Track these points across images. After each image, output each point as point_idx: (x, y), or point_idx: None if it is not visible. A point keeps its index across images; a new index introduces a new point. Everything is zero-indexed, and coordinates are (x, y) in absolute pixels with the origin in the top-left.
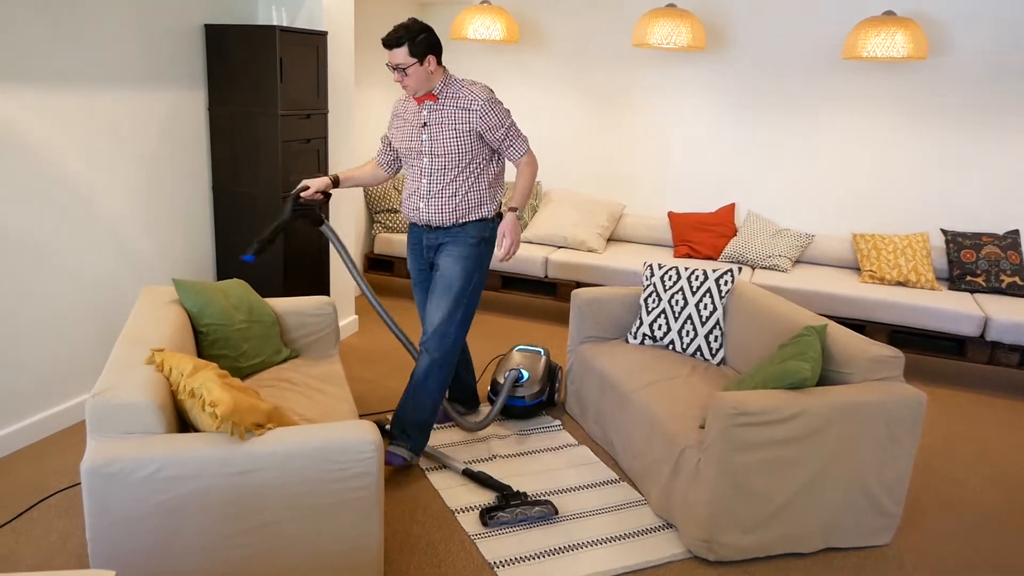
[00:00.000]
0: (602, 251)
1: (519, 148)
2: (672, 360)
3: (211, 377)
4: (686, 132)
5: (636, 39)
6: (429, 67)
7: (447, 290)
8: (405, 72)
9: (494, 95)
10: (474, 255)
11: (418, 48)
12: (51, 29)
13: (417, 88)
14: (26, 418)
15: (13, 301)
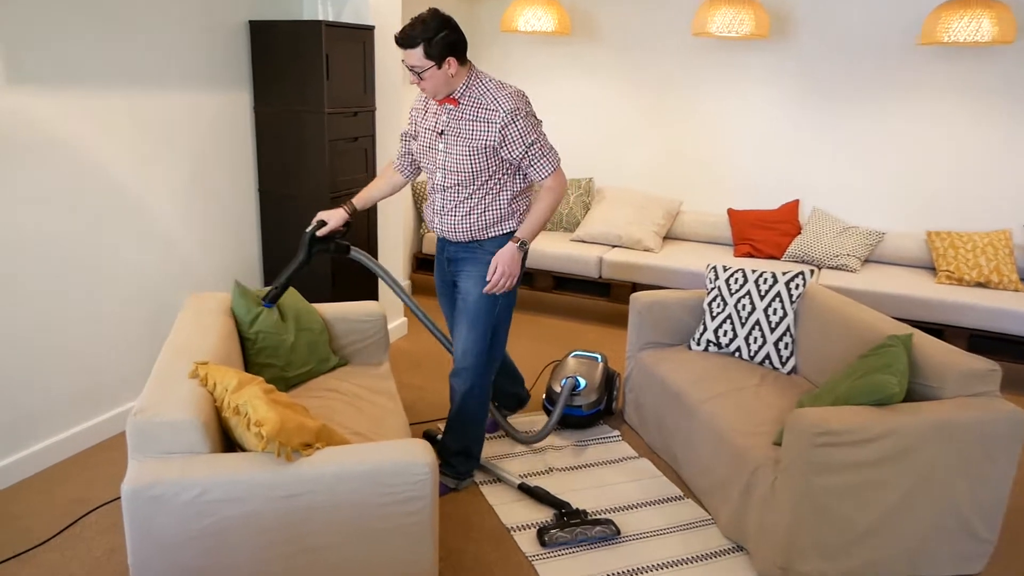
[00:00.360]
0: (658, 250)
1: (543, 168)
2: (739, 369)
3: (256, 393)
4: (747, 125)
5: (696, 28)
6: (449, 70)
7: (471, 317)
8: (421, 76)
9: (522, 104)
10: None
11: (435, 49)
12: (95, 30)
13: (436, 92)
14: (73, 426)
15: (59, 307)
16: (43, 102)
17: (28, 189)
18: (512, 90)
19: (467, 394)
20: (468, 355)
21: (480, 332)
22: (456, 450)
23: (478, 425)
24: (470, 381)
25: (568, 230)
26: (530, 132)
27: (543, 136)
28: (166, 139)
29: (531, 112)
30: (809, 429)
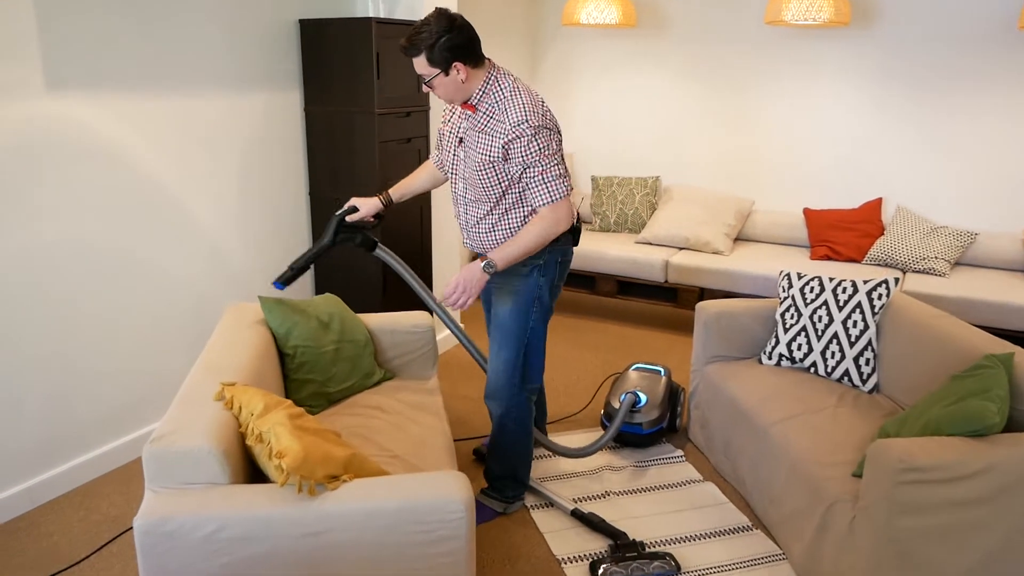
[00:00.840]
0: (729, 253)
1: (541, 195)
2: (815, 386)
3: (281, 420)
4: (825, 118)
5: (770, 16)
6: (459, 75)
7: (501, 334)
8: (430, 84)
9: (534, 118)
10: (527, 289)
11: (439, 55)
12: (139, 31)
13: (450, 99)
14: (112, 441)
15: (99, 318)
16: (84, 108)
17: (68, 197)
18: (526, 100)
19: (504, 416)
20: (500, 376)
21: (512, 351)
22: (501, 474)
23: (522, 448)
24: (504, 403)
25: (633, 231)
26: (533, 151)
27: (553, 160)
28: (212, 143)
29: (545, 126)
30: (894, 464)
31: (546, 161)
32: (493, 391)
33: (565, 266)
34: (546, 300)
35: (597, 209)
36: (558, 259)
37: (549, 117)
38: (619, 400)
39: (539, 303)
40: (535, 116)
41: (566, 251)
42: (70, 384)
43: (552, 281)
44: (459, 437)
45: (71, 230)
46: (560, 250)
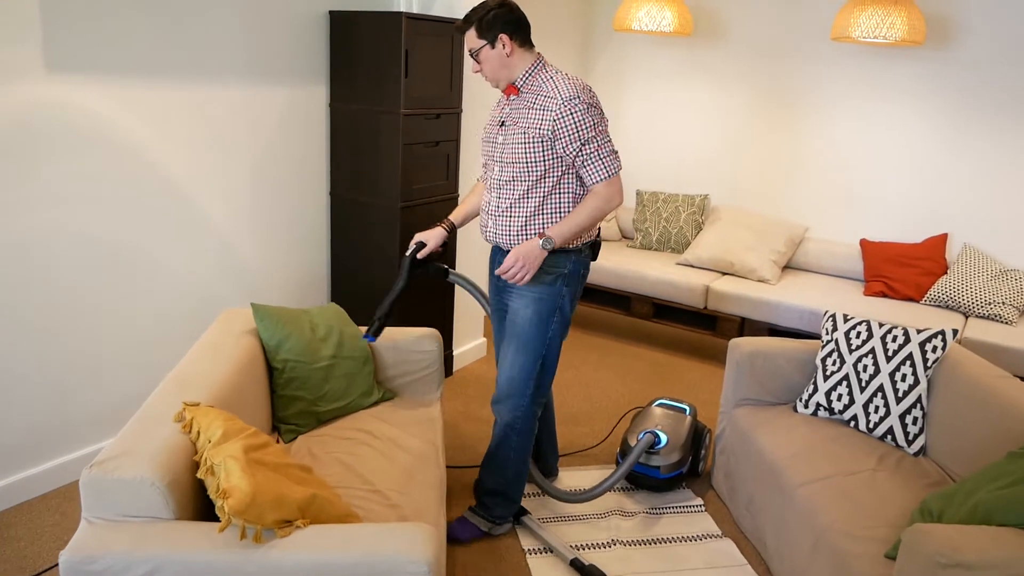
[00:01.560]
0: (775, 282)
1: (596, 171)
2: (853, 443)
3: (235, 452)
4: (890, 144)
5: (837, 31)
6: (504, 49)
7: (519, 341)
8: (477, 58)
9: (584, 95)
10: (550, 295)
11: (487, 26)
12: (153, 14)
13: (495, 77)
14: (97, 443)
15: (95, 314)
16: (88, 94)
17: (70, 187)
18: (577, 81)
19: (509, 426)
20: (514, 383)
21: (529, 358)
22: (491, 489)
23: (519, 464)
24: (513, 412)
25: (675, 251)
26: (588, 127)
27: (605, 136)
28: (227, 136)
29: (594, 105)
30: (933, 556)
31: (600, 137)
32: (505, 396)
33: (584, 280)
34: (567, 311)
35: (640, 225)
36: (580, 271)
37: (597, 100)
38: (637, 438)
39: (560, 313)
40: (586, 95)
41: (587, 263)
42: (62, 380)
43: (575, 293)
44: (460, 464)
45: (71, 221)
46: (584, 261)
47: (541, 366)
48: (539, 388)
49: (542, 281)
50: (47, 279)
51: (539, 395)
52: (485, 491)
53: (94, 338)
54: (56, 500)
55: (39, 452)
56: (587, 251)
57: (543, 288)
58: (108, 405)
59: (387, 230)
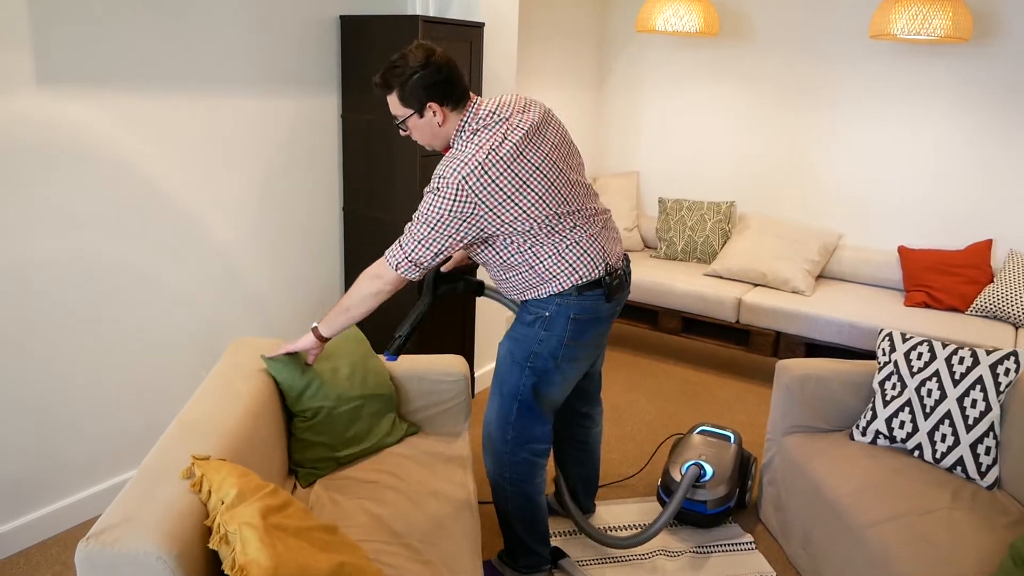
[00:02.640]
0: (810, 293)
1: (393, 246)
2: (921, 476)
3: (252, 519)
4: (931, 145)
5: (875, 28)
6: (435, 117)
7: (494, 381)
8: (404, 126)
9: (452, 175)
10: (525, 338)
11: (412, 95)
12: (153, 22)
13: (428, 144)
14: (100, 483)
15: (91, 344)
16: (83, 107)
17: (62, 206)
18: (463, 157)
19: (497, 476)
20: (490, 425)
21: (503, 402)
22: (509, 541)
23: (526, 516)
24: (495, 462)
25: (702, 261)
26: (421, 207)
27: (427, 225)
28: (233, 150)
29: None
30: None
31: (421, 221)
32: (486, 443)
33: (585, 325)
34: (546, 359)
35: (663, 234)
36: (569, 315)
37: (471, 186)
38: (680, 471)
39: (536, 359)
40: (454, 175)
41: (583, 306)
42: (59, 416)
43: (560, 340)
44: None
45: (66, 243)
46: (573, 305)
47: (518, 412)
48: (525, 436)
49: (521, 321)
50: (41, 306)
51: (527, 443)
52: (505, 541)
53: (93, 369)
54: (56, 549)
55: (35, 496)
56: (575, 293)
57: (519, 328)
58: (109, 442)
59: None
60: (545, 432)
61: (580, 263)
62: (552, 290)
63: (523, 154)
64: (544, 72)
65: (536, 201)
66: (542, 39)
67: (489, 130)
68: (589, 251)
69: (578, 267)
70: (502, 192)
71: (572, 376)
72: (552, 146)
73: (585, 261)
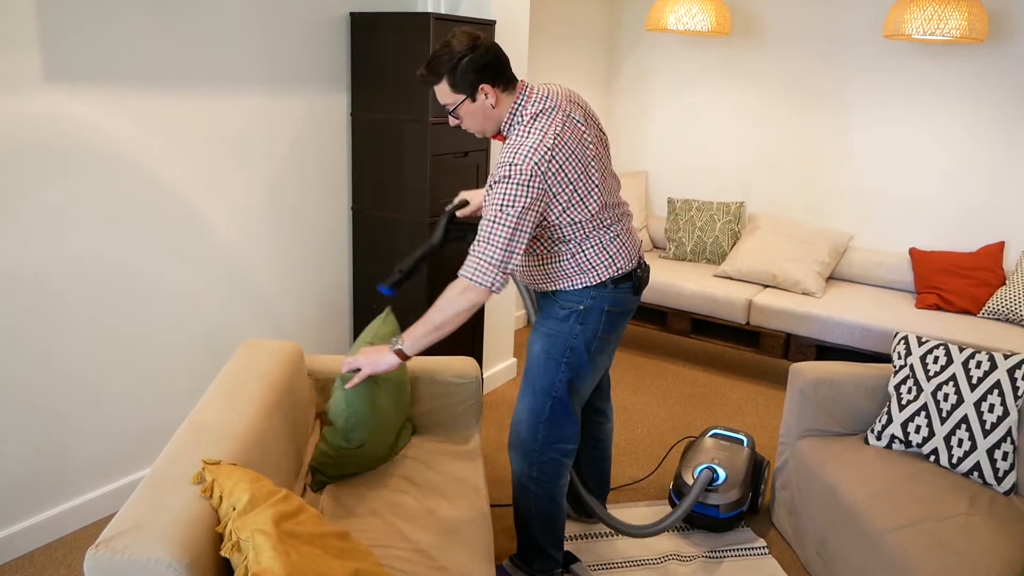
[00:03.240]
0: (821, 294)
1: (470, 263)
2: (937, 481)
3: (265, 526)
4: (943, 146)
5: (889, 28)
6: (488, 100)
7: (527, 380)
8: (456, 115)
9: (522, 160)
10: (561, 333)
11: (463, 78)
12: (164, 24)
13: (481, 130)
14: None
15: (96, 344)
16: (91, 104)
17: (67, 207)
18: (530, 142)
19: (524, 476)
20: (521, 426)
21: (536, 400)
22: (524, 544)
23: (547, 518)
24: (524, 460)
25: (712, 262)
26: (492, 200)
27: (504, 222)
28: (241, 149)
29: (518, 179)
30: None
31: (500, 220)
32: (514, 442)
33: (616, 318)
34: (581, 353)
35: (672, 235)
36: (604, 308)
37: (540, 170)
38: (692, 475)
39: (572, 353)
40: (523, 160)
41: (617, 299)
42: (65, 418)
43: (595, 333)
44: (499, 502)
45: (72, 243)
46: (608, 297)
47: (551, 410)
48: (556, 435)
49: (554, 316)
50: (47, 306)
51: (557, 443)
52: (520, 544)
53: (99, 370)
54: (62, 551)
55: (41, 497)
56: (611, 285)
57: (553, 324)
58: (116, 444)
59: (414, 248)
60: (575, 431)
61: (619, 255)
62: (588, 281)
63: (582, 142)
64: (554, 71)
65: (592, 190)
66: (552, 38)
67: (548, 115)
68: (627, 244)
69: (617, 259)
70: (567, 178)
71: (602, 369)
72: (598, 137)
73: (623, 254)
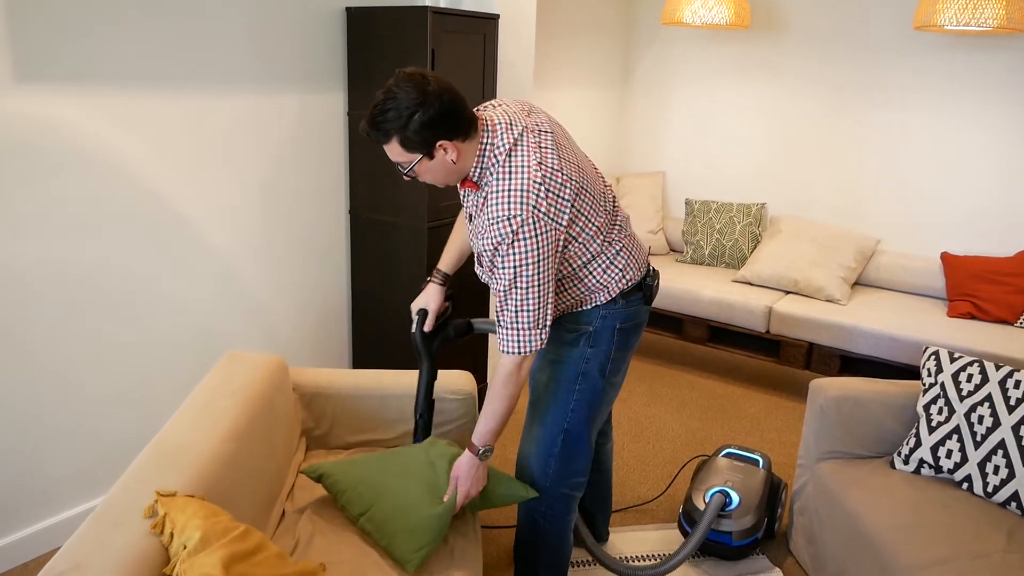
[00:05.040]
0: (846, 301)
1: (508, 338)
2: (971, 512)
3: (214, 569)
4: (976, 143)
5: (920, 19)
6: (448, 155)
7: (539, 411)
8: (412, 173)
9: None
10: (571, 359)
11: (416, 136)
12: (149, 19)
13: (444, 183)
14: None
15: (78, 353)
16: (68, 105)
17: (46, 212)
18: (518, 184)
19: (533, 512)
20: (530, 460)
21: (547, 433)
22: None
23: (553, 555)
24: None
25: (731, 266)
26: (506, 271)
27: (536, 278)
28: (231, 150)
29: (534, 230)
30: None
31: (525, 281)
32: (521, 476)
33: (628, 334)
34: (595, 379)
35: (690, 237)
36: (615, 326)
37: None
38: (704, 498)
39: (584, 380)
40: (520, 209)
41: (628, 313)
42: (42, 432)
43: (608, 354)
44: (495, 524)
45: (51, 251)
46: (619, 314)
47: (564, 443)
48: (568, 470)
49: (562, 341)
50: (24, 316)
51: (569, 478)
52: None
53: (79, 384)
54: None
55: (16, 516)
56: (621, 300)
57: (563, 348)
58: (95, 460)
59: (413, 253)
60: (587, 464)
61: (628, 267)
62: (599, 300)
63: (563, 155)
64: (564, 68)
65: (592, 203)
66: (563, 33)
67: (522, 144)
68: (634, 252)
69: (626, 271)
70: (567, 202)
71: (617, 390)
72: (565, 135)
73: (632, 264)
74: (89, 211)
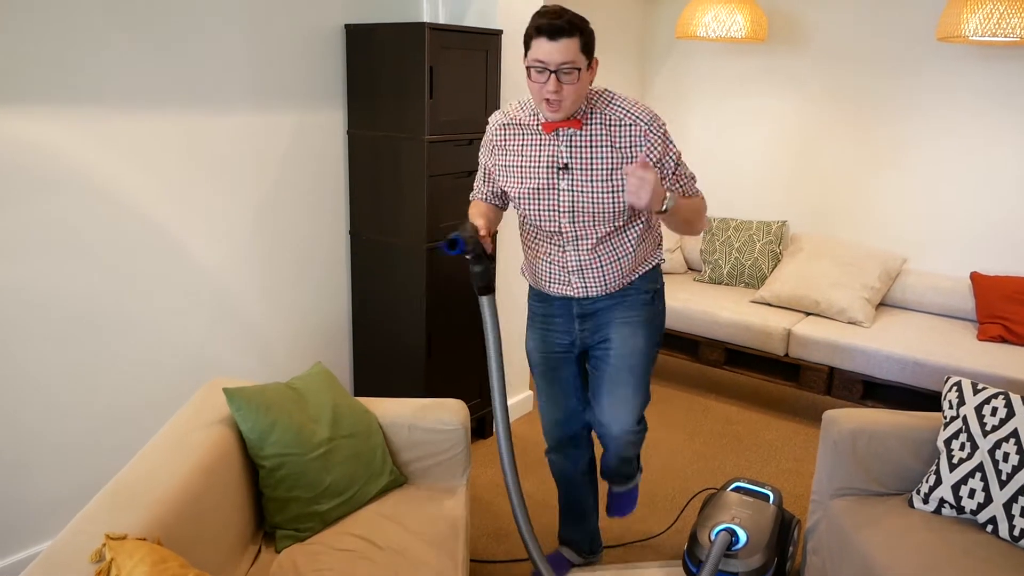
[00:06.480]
0: (870, 324)
1: (694, 185)
2: (995, 558)
3: None
4: (1007, 158)
5: (944, 30)
6: (594, 73)
7: (631, 373)
8: (563, 81)
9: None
10: (651, 316)
11: (591, 43)
12: (140, 38)
13: (572, 105)
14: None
15: (74, 389)
16: (48, 126)
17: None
18: (641, 104)
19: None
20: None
21: (637, 384)
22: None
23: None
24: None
25: (750, 286)
26: (674, 148)
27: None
28: (225, 171)
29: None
30: None
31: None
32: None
33: None
34: (663, 332)
35: (708, 256)
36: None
37: None
38: (709, 536)
39: (660, 332)
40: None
41: None
42: (19, 464)
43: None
44: (491, 558)
45: (29, 278)
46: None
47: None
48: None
49: (639, 303)
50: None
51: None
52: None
53: (60, 414)
54: None
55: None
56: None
57: (642, 310)
58: (76, 493)
59: (412, 274)
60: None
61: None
62: (660, 257)
63: None
64: None
65: None
66: None
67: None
68: None
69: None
70: None
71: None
72: None
73: None
74: (82, 232)
